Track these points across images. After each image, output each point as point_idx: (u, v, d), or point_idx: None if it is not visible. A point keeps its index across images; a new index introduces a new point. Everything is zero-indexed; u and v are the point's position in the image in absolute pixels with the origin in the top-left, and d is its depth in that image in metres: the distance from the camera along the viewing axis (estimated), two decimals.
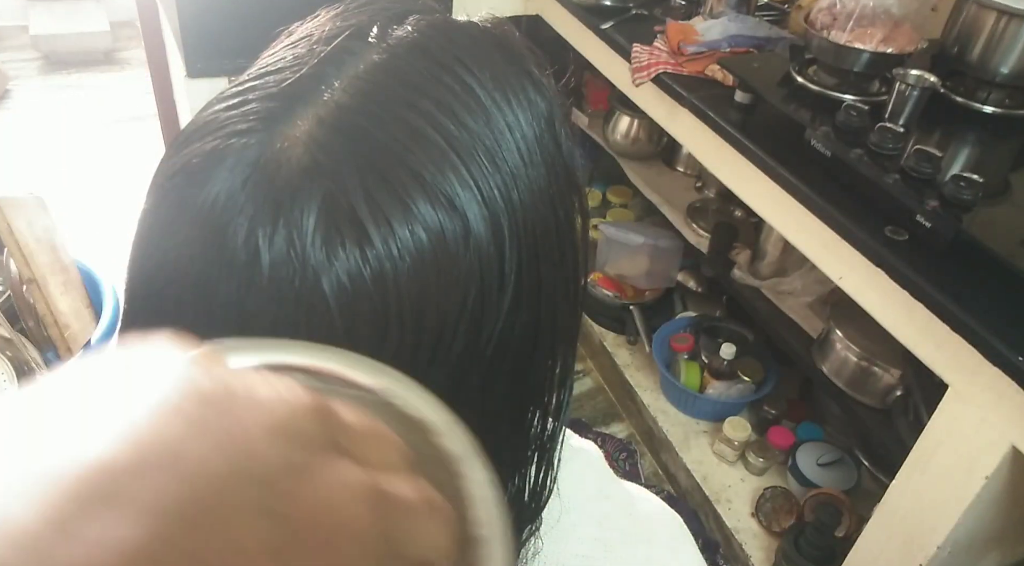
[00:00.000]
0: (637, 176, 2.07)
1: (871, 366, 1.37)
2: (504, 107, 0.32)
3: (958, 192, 1.07)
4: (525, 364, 0.34)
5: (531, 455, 0.37)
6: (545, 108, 0.34)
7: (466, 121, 0.30)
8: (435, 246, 0.29)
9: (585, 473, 0.47)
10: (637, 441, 1.91)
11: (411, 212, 0.28)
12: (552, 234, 0.33)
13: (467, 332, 0.30)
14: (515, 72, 0.33)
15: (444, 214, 0.29)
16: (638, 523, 0.47)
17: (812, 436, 1.71)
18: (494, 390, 0.32)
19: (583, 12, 1.76)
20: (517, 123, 0.32)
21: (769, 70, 1.46)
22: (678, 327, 1.94)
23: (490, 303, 0.30)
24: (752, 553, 1.58)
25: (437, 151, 0.29)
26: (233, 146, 0.29)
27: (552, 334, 0.35)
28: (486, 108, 0.31)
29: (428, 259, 0.28)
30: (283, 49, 0.33)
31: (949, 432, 1.06)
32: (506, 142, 0.31)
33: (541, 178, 0.32)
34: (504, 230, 0.30)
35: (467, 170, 0.29)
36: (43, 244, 1.37)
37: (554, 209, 0.33)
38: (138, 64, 3.24)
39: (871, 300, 1.15)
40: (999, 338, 0.95)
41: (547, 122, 0.34)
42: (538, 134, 0.33)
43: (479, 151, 0.30)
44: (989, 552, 1.18)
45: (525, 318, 0.32)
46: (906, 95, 1.23)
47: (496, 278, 0.30)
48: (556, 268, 0.34)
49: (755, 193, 1.36)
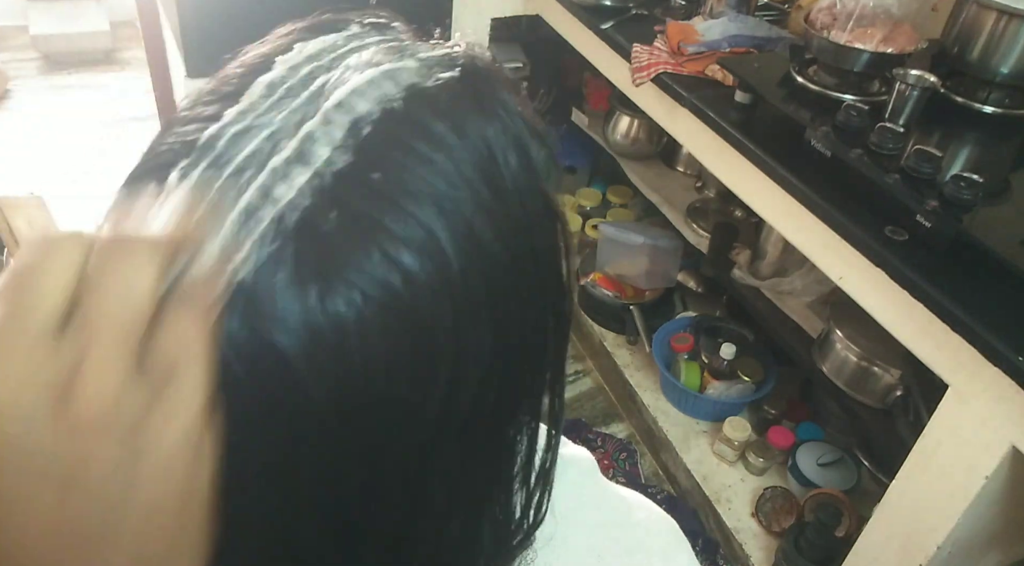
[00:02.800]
0: (637, 176, 2.07)
1: (871, 366, 1.37)
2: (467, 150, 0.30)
3: (958, 192, 1.07)
4: (512, 391, 0.33)
5: (518, 474, 0.37)
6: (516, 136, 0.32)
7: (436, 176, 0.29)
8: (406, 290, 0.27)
9: (578, 483, 0.46)
10: (637, 441, 1.91)
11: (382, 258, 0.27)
12: (530, 266, 0.32)
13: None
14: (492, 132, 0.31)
15: (415, 258, 0.27)
16: (632, 532, 0.46)
17: (812, 436, 1.71)
18: (478, 415, 0.32)
19: (583, 12, 1.76)
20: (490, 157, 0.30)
21: (769, 70, 1.46)
22: (678, 327, 1.94)
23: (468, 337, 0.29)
24: (752, 553, 1.58)
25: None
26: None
27: (538, 360, 0.34)
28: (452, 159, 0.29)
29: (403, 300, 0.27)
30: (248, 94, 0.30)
31: (949, 432, 1.06)
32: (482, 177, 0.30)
33: (513, 207, 0.31)
34: (475, 265, 0.29)
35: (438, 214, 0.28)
36: None
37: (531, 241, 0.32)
38: (138, 64, 3.24)
39: (871, 300, 1.15)
40: (999, 338, 0.95)
41: (520, 150, 0.32)
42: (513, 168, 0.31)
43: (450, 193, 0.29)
44: (989, 552, 1.18)
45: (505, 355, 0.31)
46: (906, 95, 1.23)
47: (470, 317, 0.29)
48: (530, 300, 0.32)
49: (755, 193, 1.36)
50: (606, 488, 0.48)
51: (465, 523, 0.35)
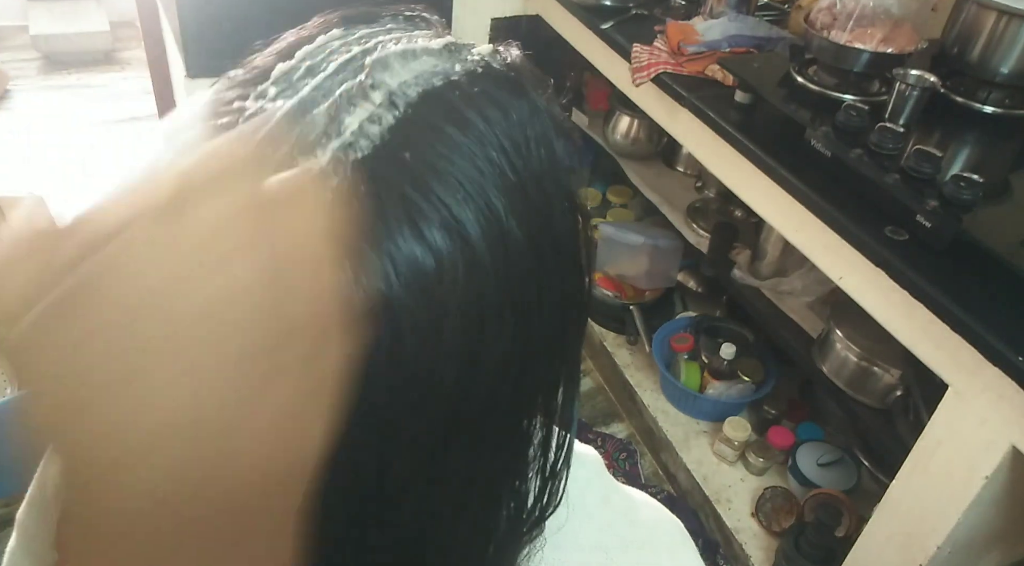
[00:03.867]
0: (637, 176, 2.07)
1: (871, 366, 1.37)
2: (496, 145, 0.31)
3: (958, 192, 1.07)
4: (526, 380, 0.33)
5: (533, 462, 0.37)
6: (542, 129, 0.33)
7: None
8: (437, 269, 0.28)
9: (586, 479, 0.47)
10: (637, 441, 1.91)
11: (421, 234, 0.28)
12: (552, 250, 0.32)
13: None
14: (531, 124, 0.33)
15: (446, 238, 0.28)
16: (639, 530, 0.47)
17: (812, 436, 1.71)
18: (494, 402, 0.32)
19: (583, 12, 1.76)
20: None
21: (769, 70, 1.46)
22: (678, 327, 1.94)
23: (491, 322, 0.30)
24: (752, 553, 1.58)
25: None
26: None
27: (554, 349, 0.34)
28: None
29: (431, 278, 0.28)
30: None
31: (949, 432, 1.06)
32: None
33: (536, 192, 0.32)
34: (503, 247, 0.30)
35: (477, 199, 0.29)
36: None
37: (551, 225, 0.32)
38: (138, 64, 3.24)
39: (871, 300, 1.15)
40: (999, 338, 0.95)
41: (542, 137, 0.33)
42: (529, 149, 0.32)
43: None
44: (989, 552, 1.18)
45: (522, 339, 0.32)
46: (906, 95, 1.24)
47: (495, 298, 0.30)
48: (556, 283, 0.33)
49: (755, 193, 1.36)
50: (613, 486, 0.48)
51: (480, 507, 0.35)
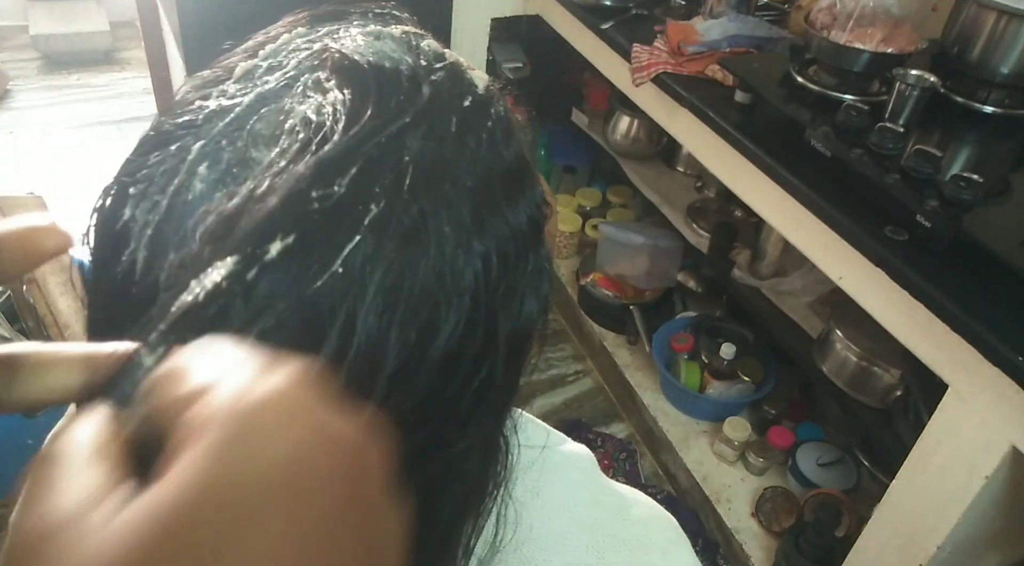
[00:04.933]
0: (637, 176, 2.07)
1: (871, 366, 1.37)
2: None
3: (958, 192, 1.07)
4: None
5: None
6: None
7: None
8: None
9: (577, 480, 0.46)
10: (637, 441, 1.91)
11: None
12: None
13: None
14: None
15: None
16: (631, 528, 0.46)
17: (812, 436, 1.71)
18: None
19: (583, 12, 1.76)
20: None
21: (769, 70, 1.46)
22: (678, 327, 1.94)
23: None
24: (752, 553, 1.58)
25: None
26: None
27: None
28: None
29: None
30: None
31: (949, 432, 1.06)
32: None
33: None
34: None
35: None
36: None
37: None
38: (138, 64, 3.25)
39: (871, 300, 1.15)
40: (999, 338, 0.95)
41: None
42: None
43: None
44: (989, 552, 1.18)
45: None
46: (906, 95, 1.23)
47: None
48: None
49: (755, 193, 1.36)
50: (605, 485, 0.48)
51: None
